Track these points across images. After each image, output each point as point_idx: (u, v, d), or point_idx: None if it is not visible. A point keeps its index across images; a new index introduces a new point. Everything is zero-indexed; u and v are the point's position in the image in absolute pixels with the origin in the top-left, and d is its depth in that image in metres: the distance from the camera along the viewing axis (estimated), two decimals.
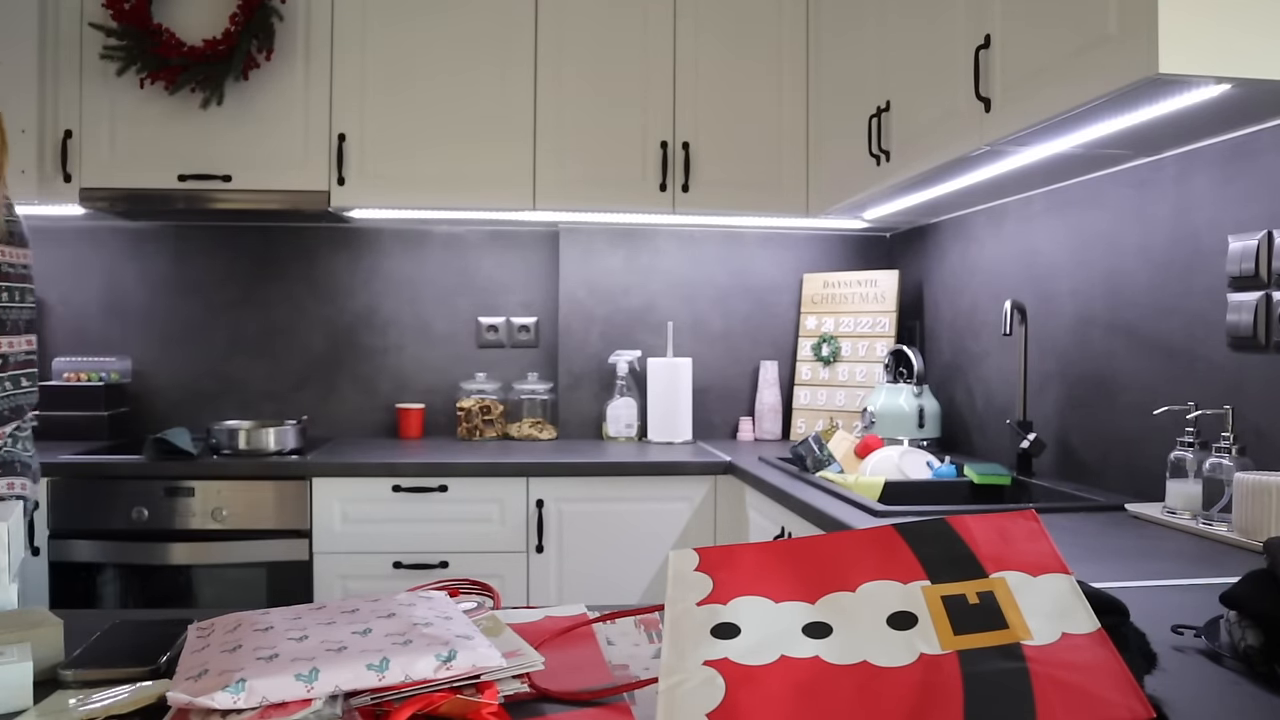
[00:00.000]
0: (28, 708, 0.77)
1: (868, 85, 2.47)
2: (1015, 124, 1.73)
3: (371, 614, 0.86)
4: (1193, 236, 1.85)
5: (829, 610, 0.75)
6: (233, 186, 2.74)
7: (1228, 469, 1.56)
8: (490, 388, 3.15)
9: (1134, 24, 1.39)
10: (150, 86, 2.70)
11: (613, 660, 0.90)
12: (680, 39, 2.88)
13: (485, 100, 2.81)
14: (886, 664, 0.69)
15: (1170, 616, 1.01)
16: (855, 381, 3.05)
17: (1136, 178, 2.01)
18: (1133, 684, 0.64)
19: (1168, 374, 1.92)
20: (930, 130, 2.09)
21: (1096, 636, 0.68)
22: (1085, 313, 2.19)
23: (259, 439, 2.63)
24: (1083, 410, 2.19)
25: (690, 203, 2.88)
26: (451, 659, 0.77)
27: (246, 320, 3.14)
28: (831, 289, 3.18)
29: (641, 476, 2.62)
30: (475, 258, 3.22)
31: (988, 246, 2.64)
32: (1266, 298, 1.66)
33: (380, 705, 0.75)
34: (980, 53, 1.82)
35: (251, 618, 0.87)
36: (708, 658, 0.71)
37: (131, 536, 2.48)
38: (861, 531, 0.83)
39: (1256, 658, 0.86)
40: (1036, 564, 0.76)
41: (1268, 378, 1.67)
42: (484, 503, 2.57)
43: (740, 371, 3.26)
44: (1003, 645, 0.68)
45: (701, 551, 0.83)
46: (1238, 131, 1.73)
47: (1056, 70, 1.60)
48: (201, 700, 0.70)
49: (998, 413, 2.57)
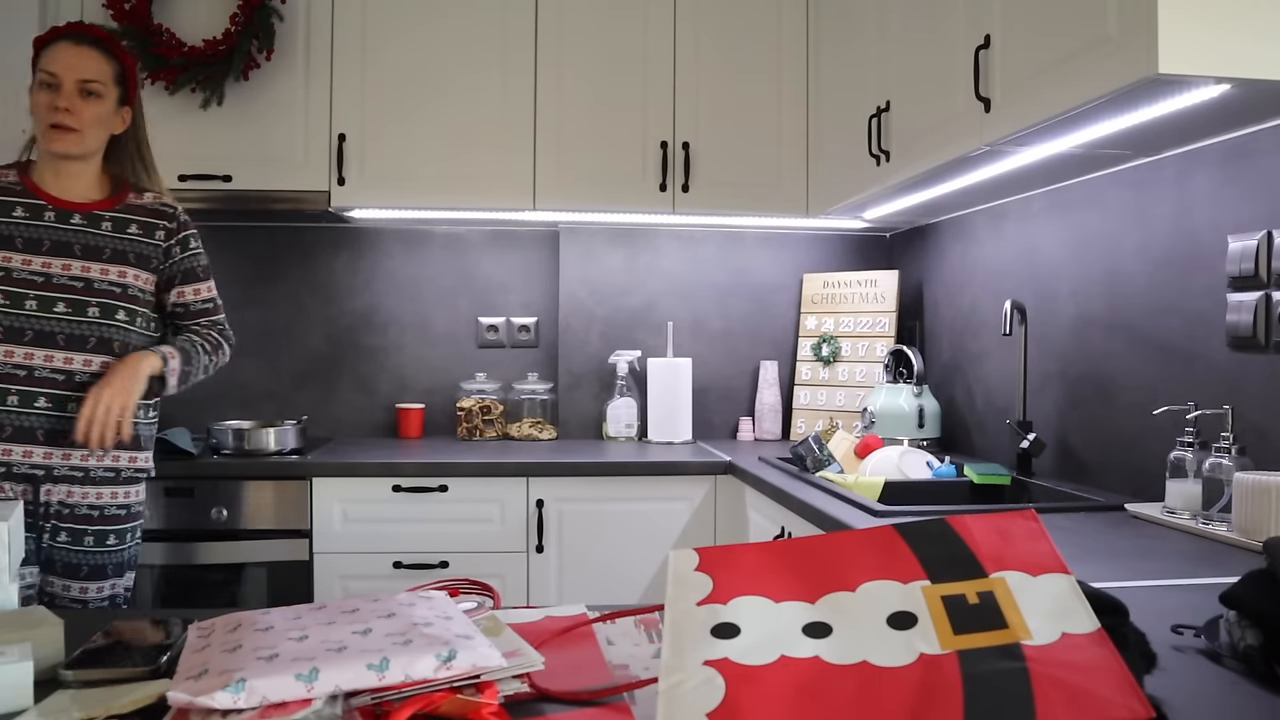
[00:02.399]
0: (28, 708, 0.77)
1: (867, 85, 2.47)
2: (1015, 124, 1.73)
3: (372, 614, 0.86)
4: (1192, 236, 1.85)
5: (829, 610, 0.75)
6: (233, 186, 2.74)
7: (1227, 469, 1.56)
8: (490, 388, 3.15)
9: (1134, 24, 1.40)
10: (150, 87, 2.69)
11: (613, 660, 0.90)
12: (680, 39, 2.88)
13: (485, 100, 2.81)
14: (886, 664, 0.69)
15: (1170, 616, 1.01)
16: (855, 381, 3.05)
17: (1136, 178, 2.01)
18: (1133, 684, 0.64)
19: (1167, 374, 1.92)
20: (930, 130, 2.09)
21: (1096, 636, 0.68)
22: (1085, 313, 2.19)
23: (259, 439, 2.63)
24: (1082, 410, 2.19)
25: (690, 203, 2.88)
26: (452, 659, 0.77)
27: (246, 320, 3.13)
28: (831, 289, 3.18)
29: (641, 476, 2.62)
30: (475, 258, 3.22)
31: (988, 246, 2.64)
32: (1266, 298, 1.66)
33: (380, 705, 0.75)
34: (980, 53, 1.82)
35: (251, 618, 0.87)
36: (708, 658, 0.71)
37: None
38: (861, 531, 0.83)
39: (1256, 658, 0.86)
40: (1036, 564, 0.76)
41: (1268, 378, 1.67)
42: (484, 503, 2.57)
43: (740, 371, 3.26)
44: (1003, 645, 0.68)
45: (701, 551, 0.83)
46: (1237, 132, 1.73)
47: (1056, 70, 1.60)
48: (202, 700, 0.70)
49: (997, 413, 2.57)
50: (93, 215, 1.86)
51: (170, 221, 1.95)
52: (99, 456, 1.85)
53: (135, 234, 1.90)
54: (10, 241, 1.80)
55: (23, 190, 1.83)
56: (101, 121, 1.86)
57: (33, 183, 1.85)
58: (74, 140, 1.81)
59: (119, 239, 1.87)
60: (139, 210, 1.92)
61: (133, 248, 1.89)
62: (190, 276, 1.99)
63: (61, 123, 1.80)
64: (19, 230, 1.80)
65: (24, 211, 1.81)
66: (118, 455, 1.88)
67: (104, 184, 1.92)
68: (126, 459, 1.90)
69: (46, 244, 1.81)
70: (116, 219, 1.88)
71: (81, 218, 1.85)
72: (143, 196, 1.94)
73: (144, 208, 1.92)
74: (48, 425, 1.80)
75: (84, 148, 1.84)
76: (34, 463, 1.80)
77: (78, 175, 1.87)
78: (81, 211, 1.85)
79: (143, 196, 1.94)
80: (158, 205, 1.95)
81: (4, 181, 1.85)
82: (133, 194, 1.93)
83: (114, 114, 1.89)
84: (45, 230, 1.82)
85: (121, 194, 1.92)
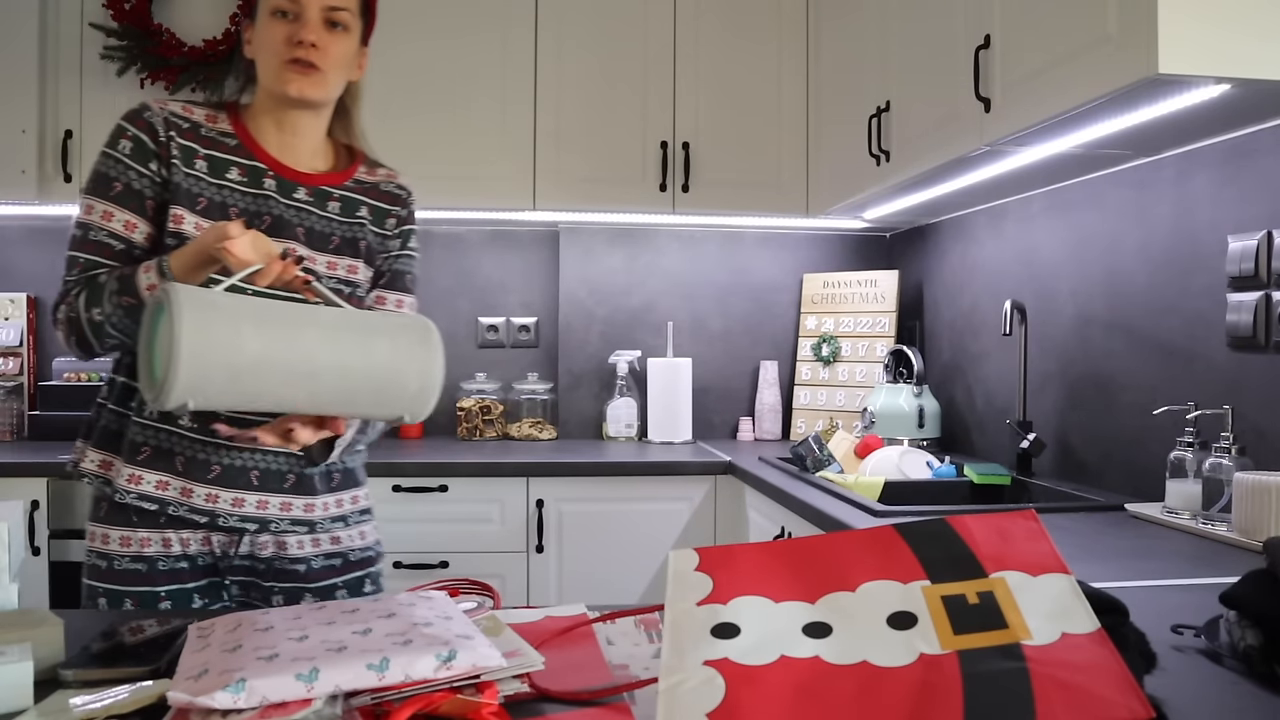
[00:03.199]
0: (28, 708, 0.77)
1: (868, 85, 2.47)
2: (1015, 124, 1.73)
3: (371, 614, 0.86)
4: (1192, 236, 1.85)
5: (829, 610, 0.75)
6: None
7: (1227, 469, 1.56)
8: (490, 388, 3.15)
9: (1134, 24, 1.40)
10: (150, 87, 2.70)
11: (613, 660, 0.90)
12: (680, 39, 2.88)
13: (485, 100, 2.81)
14: (886, 664, 0.69)
15: (1170, 616, 1.01)
16: (855, 381, 3.05)
17: (1136, 178, 2.01)
18: (1132, 684, 0.64)
19: (1167, 374, 1.92)
20: (930, 130, 2.09)
21: (1096, 636, 0.68)
22: (1085, 313, 2.19)
23: None
24: (1082, 410, 2.19)
25: (690, 203, 2.88)
26: (452, 659, 0.77)
27: None
28: (831, 289, 3.18)
29: (641, 476, 2.62)
30: (475, 258, 3.22)
31: (988, 246, 2.64)
32: (1266, 298, 1.66)
33: (380, 705, 0.75)
34: (980, 53, 1.82)
35: (252, 618, 0.87)
36: (708, 657, 0.71)
37: None
38: (861, 531, 0.83)
39: (1256, 658, 0.86)
40: (1036, 564, 0.76)
41: (1268, 378, 1.67)
42: (484, 503, 2.57)
43: (740, 371, 3.26)
44: (1003, 645, 0.68)
45: (701, 551, 0.83)
46: (1237, 132, 1.73)
47: (1056, 70, 1.60)
48: (202, 700, 0.70)
49: (997, 413, 2.57)
50: (319, 191, 1.43)
51: (403, 209, 1.53)
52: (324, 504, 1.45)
53: (365, 219, 1.47)
54: (221, 209, 1.36)
55: (238, 146, 1.40)
56: (346, 62, 1.42)
57: (250, 136, 1.41)
58: (317, 82, 1.37)
59: (349, 225, 1.45)
60: (371, 191, 1.49)
61: (363, 236, 1.46)
62: (397, 283, 1.53)
63: (306, 58, 1.35)
64: (234, 198, 1.37)
65: (240, 174, 1.38)
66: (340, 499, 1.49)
67: (328, 149, 1.50)
68: (349, 498, 1.52)
69: (266, 220, 1.38)
70: (347, 199, 1.46)
71: (307, 192, 1.42)
72: (375, 172, 1.52)
73: (376, 187, 1.50)
74: (262, 465, 1.38)
75: (327, 92, 1.41)
76: (244, 513, 1.37)
77: (306, 132, 1.44)
78: (308, 185, 1.42)
79: (375, 172, 1.52)
80: (393, 187, 1.52)
81: (212, 129, 1.40)
82: (364, 167, 1.51)
83: (355, 54, 1.45)
84: (264, 202, 1.38)
85: (352, 165, 1.50)
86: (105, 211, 1.33)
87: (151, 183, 1.34)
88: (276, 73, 1.36)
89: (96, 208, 1.33)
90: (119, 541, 1.35)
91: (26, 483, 2.44)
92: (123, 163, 1.34)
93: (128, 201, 1.33)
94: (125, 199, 1.33)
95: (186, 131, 1.37)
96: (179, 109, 1.39)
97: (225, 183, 1.36)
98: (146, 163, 1.34)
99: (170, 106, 1.39)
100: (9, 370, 2.98)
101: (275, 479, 1.39)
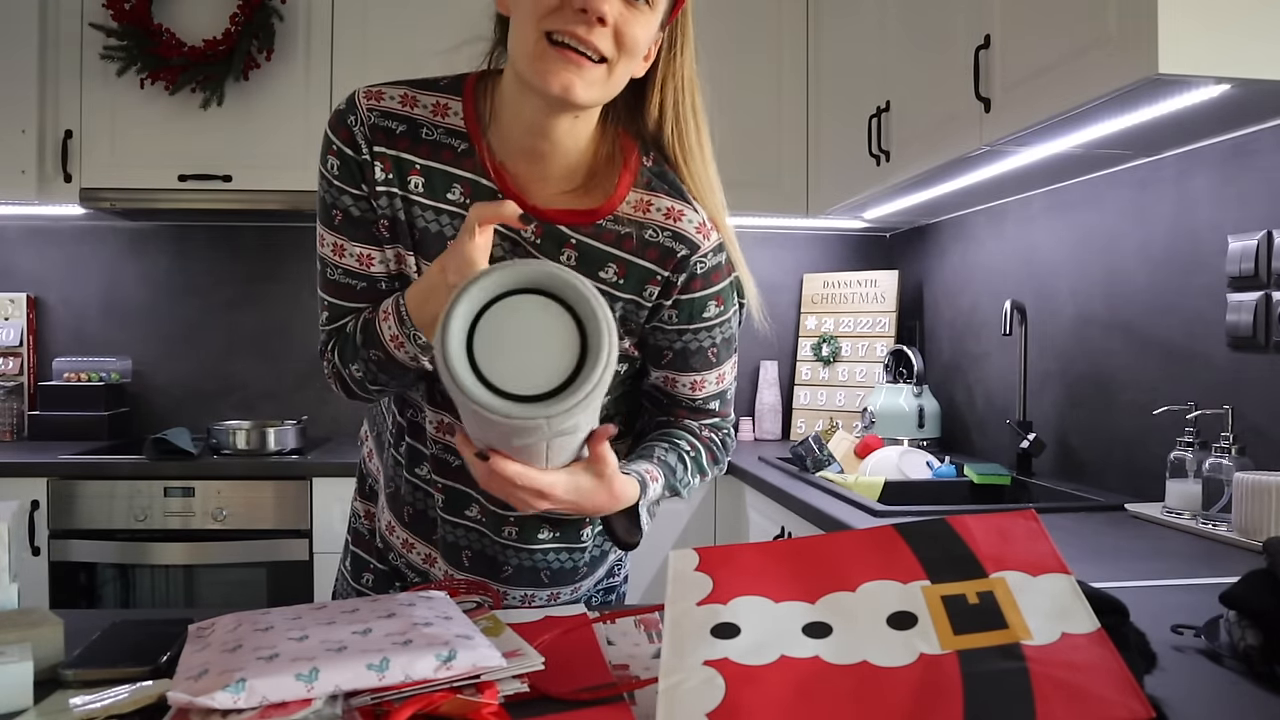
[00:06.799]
0: (28, 707, 0.77)
1: (868, 85, 2.47)
2: (1015, 124, 1.73)
3: (371, 614, 0.86)
4: (1192, 236, 1.85)
5: (829, 610, 0.75)
6: (233, 186, 2.74)
7: (1227, 469, 1.56)
8: None
9: (1134, 24, 1.40)
10: (150, 87, 2.69)
11: (613, 660, 0.90)
12: None
13: None
14: (886, 664, 0.69)
15: (1170, 616, 1.01)
16: (855, 381, 3.05)
17: (1136, 178, 2.01)
18: (1133, 684, 0.64)
19: (1167, 374, 1.92)
20: (930, 130, 2.09)
21: (1096, 636, 0.68)
22: (1085, 312, 2.19)
23: (259, 439, 2.63)
24: (1082, 410, 2.19)
25: None
26: (451, 659, 0.77)
27: (246, 320, 3.13)
28: (831, 289, 3.18)
29: None
30: None
31: (988, 246, 2.64)
32: (1266, 298, 1.66)
33: (380, 705, 0.75)
34: (980, 53, 1.82)
35: (251, 618, 0.87)
36: (708, 657, 0.71)
37: (131, 536, 2.48)
38: (861, 531, 0.83)
39: (1256, 658, 0.86)
40: (1036, 564, 0.76)
41: (1267, 378, 1.67)
42: None
43: (740, 371, 3.25)
44: (1003, 645, 0.68)
45: (701, 551, 0.83)
46: (1237, 131, 1.73)
47: (1056, 70, 1.60)
48: (201, 700, 0.70)
49: (998, 413, 2.57)
50: (554, 234, 1.05)
51: (675, 271, 1.08)
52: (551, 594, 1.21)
53: (612, 281, 1.06)
54: (439, 241, 1.05)
55: (466, 151, 1.05)
56: (638, 52, 1.01)
57: (486, 147, 1.05)
58: (592, 81, 0.96)
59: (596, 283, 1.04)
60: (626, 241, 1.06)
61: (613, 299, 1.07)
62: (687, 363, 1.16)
63: (589, 40, 0.94)
64: (452, 227, 1.05)
65: (463, 194, 1.05)
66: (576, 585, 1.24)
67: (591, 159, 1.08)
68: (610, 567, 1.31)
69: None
70: (588, 249, 1.06)
71: (537, 230, 1.05)
72: (648, 206, 1.07)
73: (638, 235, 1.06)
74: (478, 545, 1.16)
75: (606, 92, 1.00)
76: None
77: (562, 141, 1.03)
78: (546, 220, 1.05)
79: (648, 206, 1.07)
80: (667, 237, 1.07)
81: (437, 129, 1.05)
82: (635, 194, 1.07)
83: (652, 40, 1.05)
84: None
85: (614, 193, 1.06)
86: (336, 245, 1.08)
87: (371, 205, 1.06)
88: (532, 55, 0.95)
89: (327, 239, 1.08)
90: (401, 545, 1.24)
91: (26, 483, 2.44)
92: (335, 186, 1.06)
93: (353, 232, 1.07)
94: (349, 229, 1.07)
95: (400, 138, 1.04)
96: (397, 103, 1.05)
97: (445, 206, 1.05)
98: (357, 184, 1.06)
99: (384, 103, 1.05)
100: (9, 370, 2.98)
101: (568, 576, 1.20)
